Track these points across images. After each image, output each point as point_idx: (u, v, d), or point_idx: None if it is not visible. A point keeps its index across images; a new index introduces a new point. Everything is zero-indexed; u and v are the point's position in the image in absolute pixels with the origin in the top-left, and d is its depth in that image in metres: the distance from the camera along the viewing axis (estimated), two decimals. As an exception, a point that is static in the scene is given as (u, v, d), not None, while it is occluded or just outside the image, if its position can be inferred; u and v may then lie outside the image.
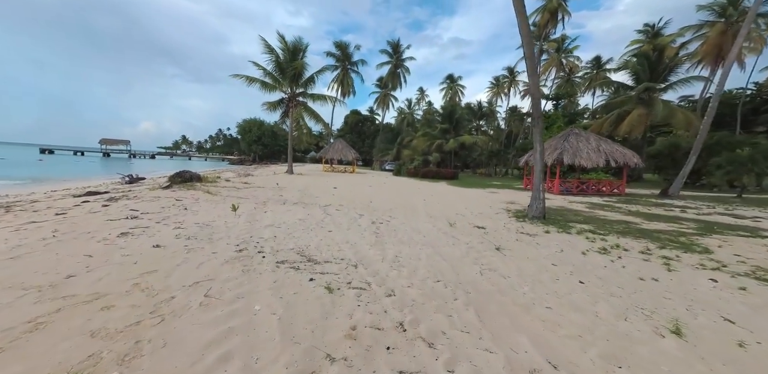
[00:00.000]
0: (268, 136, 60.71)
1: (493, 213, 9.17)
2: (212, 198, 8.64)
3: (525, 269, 4.31)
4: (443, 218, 8.16)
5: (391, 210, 8.99)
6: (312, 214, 7.58)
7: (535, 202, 7.88)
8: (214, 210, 7.01)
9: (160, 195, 8.57)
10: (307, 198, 10.38)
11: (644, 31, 31.79)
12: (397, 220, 7.54)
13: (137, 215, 5.82)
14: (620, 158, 14.62)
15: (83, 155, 69.69)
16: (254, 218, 6.60)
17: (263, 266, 3.85)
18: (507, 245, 5.57)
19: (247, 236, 5.18)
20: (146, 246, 4.12)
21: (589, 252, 5.13)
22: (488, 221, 7.89)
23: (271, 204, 8.67)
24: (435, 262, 4.47)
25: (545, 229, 6.94)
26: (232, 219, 6.27)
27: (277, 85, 20.57)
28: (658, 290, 3.62)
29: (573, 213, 9.22)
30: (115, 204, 7.02)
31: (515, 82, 54.67)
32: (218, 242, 4.68)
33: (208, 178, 13.41)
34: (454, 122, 34.24)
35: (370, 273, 3.92)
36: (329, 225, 6.56)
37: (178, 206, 7.08)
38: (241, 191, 10.87)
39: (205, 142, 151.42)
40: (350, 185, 17.12)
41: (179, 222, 5.59)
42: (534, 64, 6.94)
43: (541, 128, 7.36)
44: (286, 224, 6.31)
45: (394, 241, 5.59)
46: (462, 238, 6.01)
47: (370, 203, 10.30)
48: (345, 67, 43.28)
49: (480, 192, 16.69)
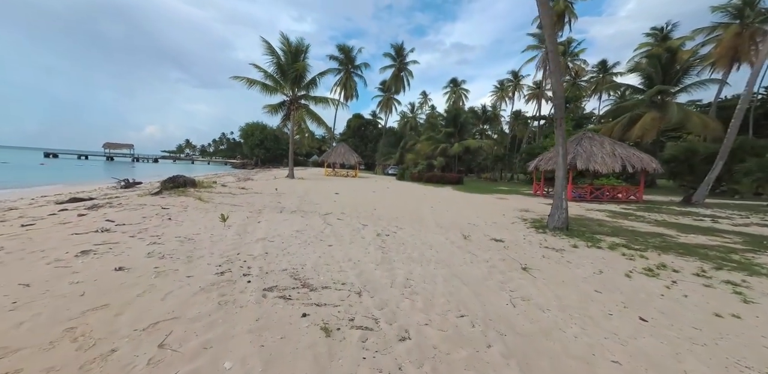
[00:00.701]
0: (271, 139, 60.34)
1: (509, 223, 8.41)
2: (203, 206, 7.95)
3: (564, 297, 3.55)
4: (455, 229, 7.42)
5: (397, 220, 8.26)
6: (311, 225, 6.87)
7: (557, 212, 7.13)
8: (202, 221, 6.32)
9: (147, 202, 7.91)
10: (307, 206, 9.68)
11: (652, 34, 31.18)
12: (404, 232, 6.81)
13: (110, 227, 5.13)
14: (637, 163, 13.84)
15: (87, 159, 69.60)
16: (245, 230, 5.89)
17: (246, 295, 3.12)
18: (533, 263, 4.82)
19: (234, 253, 4.47)
20: (106, 270, 3.41)
21: (633, 275, 4.36)
22: (505, 233, 7.14)
23: (267, 212, 7.97)
24: (454, 287, 3.73)
25: (572, 243, 6.18)
26: (219, 232, 5.57)
27: (279, 87, 20.04)
28: (749, 333, 2.84)
29: (596, 224, 8.43)
30: (93, 214, 6.35)
31: (520, 86, 54.18)
32: (198, 262, 3.97)
33: (203, 183, 12.77)
34: (458, 126, 33.59)
35: (377, 303, 3.19)
36: (329, 237, 5.84)
37: (162, 215, 6.40)
38: (237, 197, 10.19)
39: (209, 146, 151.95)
40: (353, 190, 16.43)
41: (157, 236, 4.89)
42: (557, 60, 6.26)
43: (563, 130, 6.65)
44: (280, 237, 5.59)
45: (403, 258, 4.86)
46: (480, 254, 5.27)
47: (374, 211, 9.58)
48: (348, 70, 42.94)
49: (488, 198, 15.92)
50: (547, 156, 17.20)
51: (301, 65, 18.98)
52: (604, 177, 20.33)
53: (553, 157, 17.28)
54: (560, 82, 6.35)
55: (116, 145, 78.59)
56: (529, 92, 55.07)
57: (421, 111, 60.36)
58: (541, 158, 17.52)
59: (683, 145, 20.17)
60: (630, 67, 26.07)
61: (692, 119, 19.28)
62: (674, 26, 27.68)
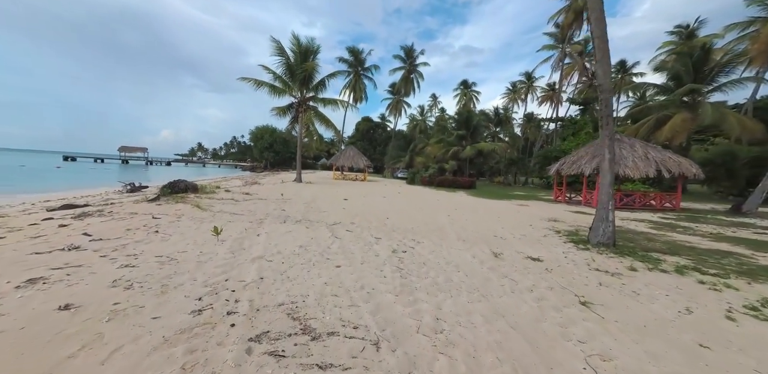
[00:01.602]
0: (280, 143, 60.34)
1: (540, 236, 7.41)
2: (199, 215, 7.22)
3: (661, 356, 2.59)
4: (480, 243, 6.47)
5: (414, 231, 7.37)
6: (317, 238, 6.04)
7: (602, 224, 6.11)
8: (193, 234, 5.55)
9: (139, 210, 7.21)
10: (313, 214, 8.88)
11: (677, 32, 29.69)
12: (423, 247, 5.92)
13: (82, 244, 4.39)
14: (674, 167, 12.60)
15: (103, 162, 70.90)
16: (241, 245, 5.09)
17: (224, 350, 2.28)
18: (591, 294, 3.85)
19: (222, 279, 3.65)
20: (47, 309, 2.63)
21: (736, 316, 3.35)
22: (540, 249, 6.16)
23: (269, 222, 7.18)
24: (501, 334, 2.82)
25: (626, 264, 5.17)
26: (210, 248, 4.78)
27: (287, 88, 19.47)
28: None
29: (644, 238, 7.35)
30: (77, 224, 5.66)
31: (533, 87, 52.77)
32: (173, 293, 3.16)
33: (206, 188, 12.14)
34: (471, 128, 32.51)
35: (401, 363, 2.31)
36: (337, 255, 5.00)
37: (150, 227, 5.66)
38: (238, 205, 9.46)
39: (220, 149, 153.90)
40: (362, 195, 15.60)
41: (134, 255, 4.12)
42: (605, 46, 5.29)
43: (612, 130, 5.67)
44: (281, 255, 4.77)
45: (426, 285, 3.97)
46: (519, 279, 4.33)
47: (386, 220, 8.71)
48: (357, 72, 42.42)
49: (507, 204, 14.86)
50: (569, 159, 16.05)
51: (311, 65, 18.37)
52: (630, 182, 19.00)
53: (578, 160, 16.14)
54: (608, 73, 5.39)
55: (131, 148, 79.94)
56: (542, 94, 53.72)
57: (430, 114, 59.46)
58: (563, 162, 16.37)
59: (721, 147, 18.68)
60: (656, 66, 24.62)
61: (729, 120, 17.83)
62: (701, 23, 26.18)
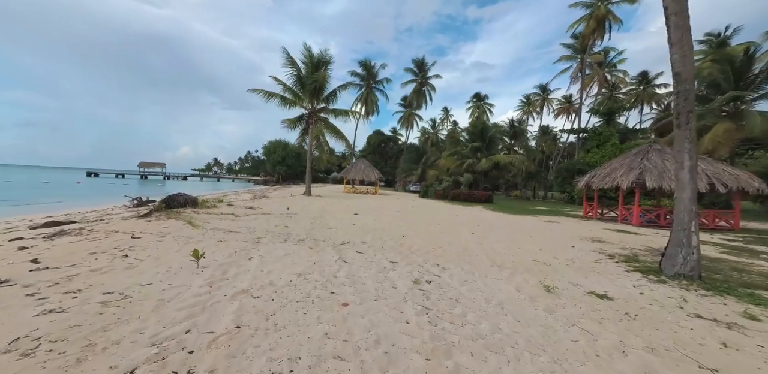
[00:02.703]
0: (292, 156, 60.60)
1: (592, 261, 6.09)
2: (187, 234, 6.26)
3: None
4: (522, 270, 5.24)
5: (436, 253, 6.19)
6: (320, 262, 4.95)
7: (681, 250, 4.80)
8: (171, 258, 4.56)
9: (122, 228, 6.33)
10: (319, 231, 7.82)
11: (706, 41, 28.36)
12: (451, 274, 4.74)
13: (13, 276, 3.42)
14: (731, 182, 11.02)
15: (123, 177, 72.38)
16: (224, 274, 4.05)
17: None
18: (723, 365, 2.57)
19: (182, 329, 2.59)
20: None
21: None
22: (601, 280, 4.86)
23: (267, 242, 6.16)
24: None
25: (736, 307, 3.82)
26: (184, 279, 3.76)
27: (297, 100, 19.04)
28: None
29: (728, 267, 5.87)
30: (40, 246, 4.79)
31: (548, 100, 51.65)
32: (95, 360, 2.10)
33: (207, 202, 11.32)
34: (486, 140, 31.37)
35: None
36: (344, 287, 3.89)
37: (121, 249, 4.71)
38: (237, 221, 8.50)
39: (235, 164, 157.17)
40: (374, 210, 14.51)
41: (75, 292, 3.12)
42: (685, 23, 4.15)
43: (693, 131, 4.48)
44: (272, 288, 3.70)
45: (467, 338, 2.81)
46: (595, 330, 3.09)
47: (402, 239, 7.57)
48: (369, 85, 42.49)
49: (534, 221, 13.45)
50: (601, 172, 14.66)
51: (322, 75, 17.93)
52: (665, 197, 17.28)
53: (611, 173, 14.71)
54: (689, 58, 4.28)
55: (150, 164, 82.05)
56: (558, 106, 52.43)
57: (442, 127, 58.88)
58: (593, 174, 14.98)
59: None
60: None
61: (781, 130, 16.10)
62: (736, 30, 24.81)
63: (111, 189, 33.27)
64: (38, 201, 16.98)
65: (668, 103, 42.77)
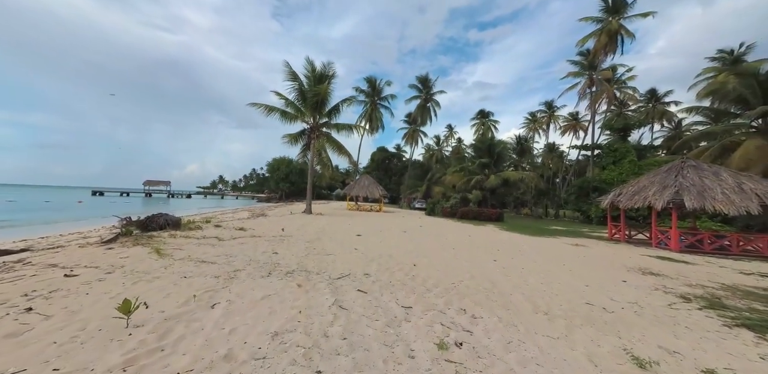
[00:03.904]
0: (296, 173, 60.10)
1: (664, 307, 4.67)
2: (145, 268, 4.97)
3: None
4: (578, 321, 3.86)
5: (458, 291, 4.83)
6: (308, 309, 3.64)
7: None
8: (94, 311, 3.28)
9: (65, 260, 5.10)
10: (314, 259, 6.50)
11: (719, 58, 27.83)
12: (487, 330, 3.40)
13: None
14: (786, 200, 9.63)
15: (128, 196, 71.24)
16: (161, 340, 2.74)
17: None
18: None
19: None
20: None
21: None
22: (701, 342, 3.47)
23: (245, 277, 4.86)
24: None
25: None
26: (90, 353, 2.46)
27: (299, 114, 18.31)
28: None
29: None
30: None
31: (554, 117, 51.05)
32: None
33: (192, 223, 10.11)
34: (494, 156, 30.31)
35: None
36: (338, 356, 2.55)
37: (33, 298, 3.45)
38: (219, 246, 7.22)
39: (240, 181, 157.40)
40: (378, 230, 13.18)
41: None
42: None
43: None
44: (227, 366, 2.37)
45: None
46: None
47: (413, 268, 6.23)
48: (374, 101, 42.34)
49: (556, 244, 11.98)
50: (629, 190, 13.31)
51: (324, 88, 17.25)
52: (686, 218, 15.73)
53: (640, 191, 13.31)
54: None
55: (155, 182, 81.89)
56: (564, 123, 51.70)
57: (446, 144, 58.30)
58: (619, 192, 13.63)
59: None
60: (708, 90, 22.06)
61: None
62: (750, 48, 24.22)
63: (110, 208, 32.28)
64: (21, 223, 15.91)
65: (679, 121, 41.96)
